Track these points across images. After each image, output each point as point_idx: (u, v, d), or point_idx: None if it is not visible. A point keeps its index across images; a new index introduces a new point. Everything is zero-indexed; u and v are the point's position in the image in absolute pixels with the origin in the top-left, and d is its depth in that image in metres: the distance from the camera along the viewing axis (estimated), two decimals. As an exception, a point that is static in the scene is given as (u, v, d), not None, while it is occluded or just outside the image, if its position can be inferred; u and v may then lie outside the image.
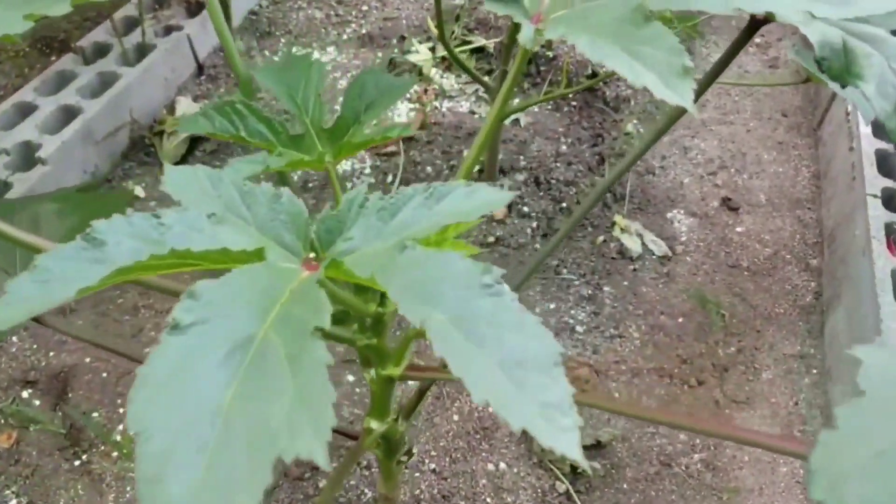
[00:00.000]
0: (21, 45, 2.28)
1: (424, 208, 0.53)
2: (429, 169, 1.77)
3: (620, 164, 0.86)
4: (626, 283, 1.66)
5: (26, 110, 1.81)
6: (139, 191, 1.78)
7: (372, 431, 0.78)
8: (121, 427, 1.36)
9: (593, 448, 1.37)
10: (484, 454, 1.36)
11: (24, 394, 1.40)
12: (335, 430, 0.38)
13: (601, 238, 1.73)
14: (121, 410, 1.38)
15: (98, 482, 1.29)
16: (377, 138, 0.75)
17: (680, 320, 1.61)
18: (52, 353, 1.46)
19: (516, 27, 0.57)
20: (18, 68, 2.24)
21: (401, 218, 0.52)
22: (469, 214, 0.52)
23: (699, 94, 0.61)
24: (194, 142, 1.87)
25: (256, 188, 0.53)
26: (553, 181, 1.80)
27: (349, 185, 1.77)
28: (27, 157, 1.68)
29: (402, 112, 1.94)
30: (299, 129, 0.78)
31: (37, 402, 1.39)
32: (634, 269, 1.69)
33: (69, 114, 1.78)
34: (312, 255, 0.52)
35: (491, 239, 1.67)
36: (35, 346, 1.47)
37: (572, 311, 1.59)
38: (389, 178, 1.78)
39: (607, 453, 1.38)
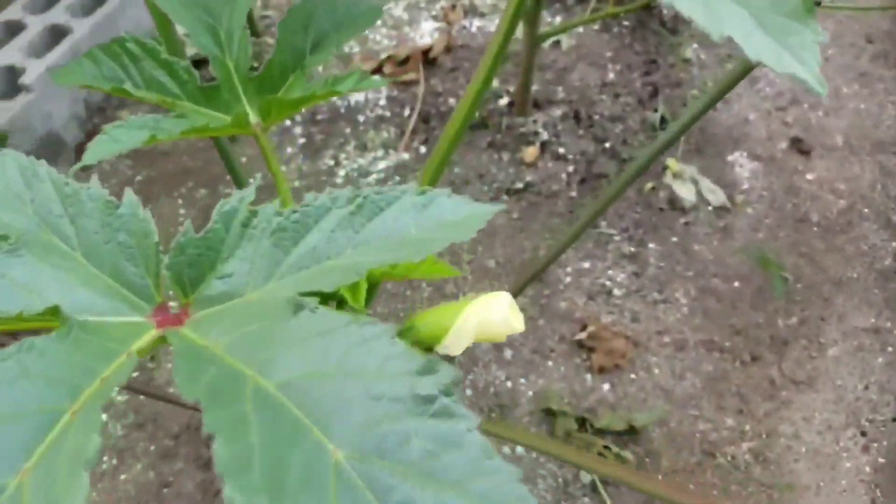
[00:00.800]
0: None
1: (347, 229, 0.34)
2: (451, 101, 1.55)
3: (687, 113, 0.64)
4: (674, 238, 1.45)
5: (14, 29, 1.65)
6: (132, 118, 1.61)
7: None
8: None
9: (626, 434, 1.20)
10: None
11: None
12: None
13: (649, 185, 1.50)
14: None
15: None
16: (321, 93, 0.55)
17: (735, 284, 1.40)
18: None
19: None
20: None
21: (310, 244, 0.34)
22: (419, 246, 0.33)
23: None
24: (195, 64, 1.68)
25: (83, 191, 0.34)
26: (596, 116, 1.57)
27: (360, 118, 1.57)
28: (11, 83, 1.52)
29: (426, 31, 1.71)
30: (216, 76, 0.59)
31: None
32: (686, 223, 1.47)
33: (57, 34, 1.61)
34: (173, 304, 0.34)
35: (518, 185, 1.46)
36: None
37: (610, 272, 1.39)
38: (407, 112, 1.57)
39: (642, 439, 1.21)
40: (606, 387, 1.25)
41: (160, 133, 0.49)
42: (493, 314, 0.51)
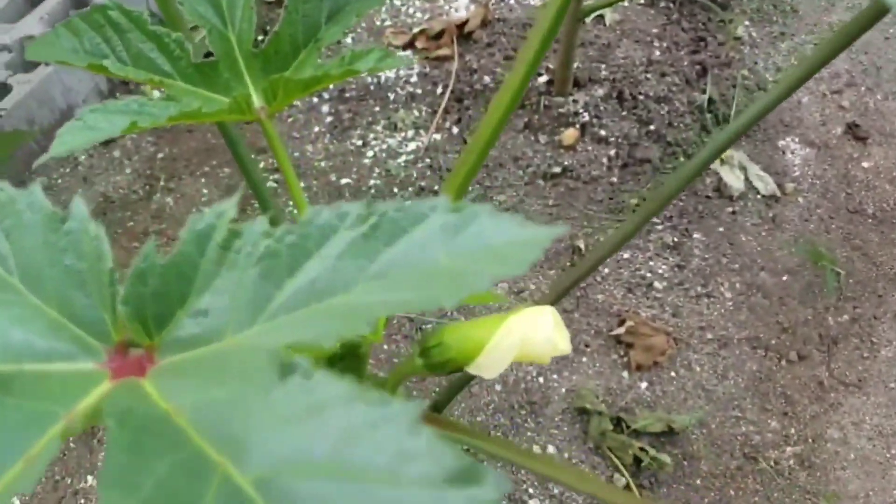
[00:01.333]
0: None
1: (358, 258, 0.26)
2: (486, 79, 1.48)
3: (751, 110, 0.56)
4: (720, 228, 1.37)
5: (36, -2, 1.60)
6: (157, 94, 1.56)
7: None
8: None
9: (664, 436, 1.14)
10: (529, 433, 1.14)
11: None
12: None
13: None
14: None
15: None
16: (337, 72, 0.48)
17: (784, 278, 1.32)
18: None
19: None
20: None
21: (308, 275, 0.25)
22: (452, 282, 0.25)
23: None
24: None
25: (20, 198, 0.28)
26: (640, 97, 1.49)
27: (390, 96, 1.51)
28: (32, 53, 1.48)
29: (462, 4, 1.63)
30: (215, 52, 0.51)
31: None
32: (733, 212, 1.39)
33: (77, 3, 1.56)
34: (139, 348, 0.27)
35: (556, 169, 1.39)
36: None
37: (651, 263, 1.32)
38: (439, 90, 1.50)
39: (681, 441, 1.14)
40: (644, 385, 1.19)
41: (143, 119, 0.43)
42: (537, 332, 0.45)
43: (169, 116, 0.43)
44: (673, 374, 1.21)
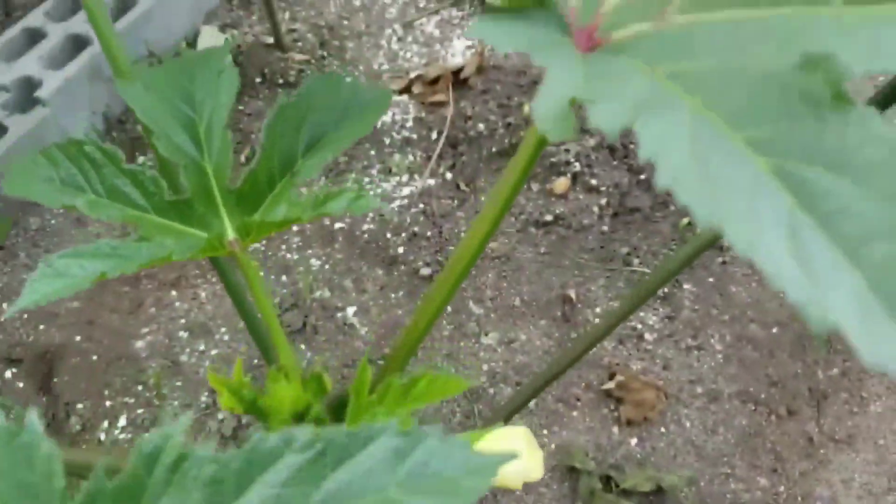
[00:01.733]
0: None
1: (303, 484, 0.25)
2: (481, 126, 1.49)
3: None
4: (711, 279, 1.37)
5: (35, 37, 1.61)
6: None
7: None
8: (106, 423, 1.19)
9: (654, 495, 1.14)
10: (518, 492, 1.14)
11: (8, 374, 1.25)
12: None
13: (686, 220, 1.43)
14: (107, 403, 1.21)
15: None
16: (308, 215, 0.46)
17: (774, 330, 1.33)
18: (41, 327, 1.30)
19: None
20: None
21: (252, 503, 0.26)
22: None
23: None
24: (217, 80, 1.63)
25: None
26: (632, 146, 1.50)
27: (386, 140, 1.52)
28: (28, 94, 1.48)
29: (458, 50, 1.64)
30: (190, 186, 0.50)
31: (20, 385, 1.24)
32: (724, 262, 1.40)
33: (78, 44, 1.57)
34: None
35: (548, 217, 1.40)
36: (25, 317, 1.31)
37: (642, 314, 1.32)
38: (434, 135, 1.51)
39: (670, 501, 1.14)
40: (634, 441, 1.19)
41: (115, 267, 0.43)
42: (506, 465, 0.44)
43: (139, 263, 0.43)
44: (663, 429, 1.21)
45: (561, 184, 1.42)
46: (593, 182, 1.43)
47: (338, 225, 1.43)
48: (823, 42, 0.23)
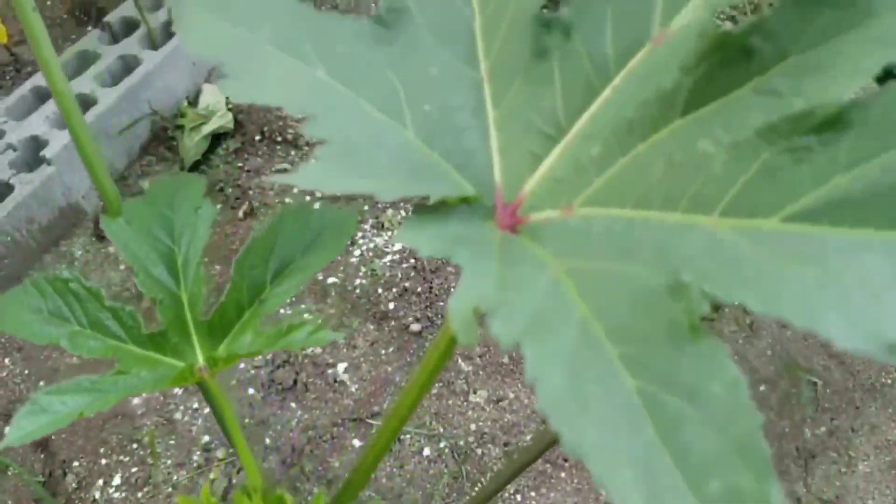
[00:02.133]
0: (59, 12, 2.14)
1: None
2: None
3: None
4: (697, 337, 1.39)
5: (43, 96, 1.67)
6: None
7: None
8: (101, 482, 1.22)
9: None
10: (504, 551, 1.15)
11: (7, 429, 1.28)
12: None
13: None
14: (103, 461, 1.23)
15: (71, 546, 1.16)
16: (270, 348, 0.50)
17: (761, 388, 1.34)
18: (41, 384, 1.33)
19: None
20: (53, 39, 2.10)
21: None
22: None
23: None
24: (217, 138, 1.68)
25: None
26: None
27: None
28: (35, 154, 1.54)
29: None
30: (165, 319, 0.53)
31: (19, 442, 1.27)
32: (711, 319, 1.42)
33: (83, 104, 1.62)
34: None
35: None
36: (26, 372, 1.34)
37: (628, 372, 1.34)
38: (427, 194, 1.54)
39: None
40: None
41: (92, 403, 0.46)
42: None
43: (117, 397, 0.46)
44: (648, 488, 1.22)
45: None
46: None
47: (331, 279, 1.46)
48: (693, 259, 0.25)
